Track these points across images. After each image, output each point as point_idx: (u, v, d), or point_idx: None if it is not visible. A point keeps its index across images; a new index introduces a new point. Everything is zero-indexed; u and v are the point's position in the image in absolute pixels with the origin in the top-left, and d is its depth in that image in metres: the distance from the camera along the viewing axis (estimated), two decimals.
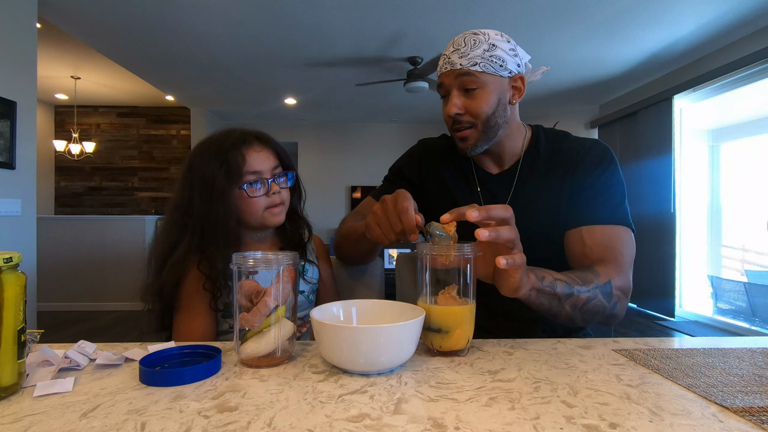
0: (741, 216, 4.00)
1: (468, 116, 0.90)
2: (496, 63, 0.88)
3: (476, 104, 0.89)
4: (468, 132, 0.91)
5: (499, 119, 0.92)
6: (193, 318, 0.85)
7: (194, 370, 0.53)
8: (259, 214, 0.90)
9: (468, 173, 1.02)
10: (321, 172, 6.58)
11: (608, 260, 0.83)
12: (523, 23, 3.24)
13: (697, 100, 4.08)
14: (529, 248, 0.94)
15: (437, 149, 1.08)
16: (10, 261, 0.48)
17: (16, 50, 2.45)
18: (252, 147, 0.90)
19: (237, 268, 0.60)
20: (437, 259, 0.63)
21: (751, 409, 0.45)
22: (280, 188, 0.91)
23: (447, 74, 0.91)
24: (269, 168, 0.90)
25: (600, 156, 0.93)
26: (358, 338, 0.54)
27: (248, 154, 0.88)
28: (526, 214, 0.94)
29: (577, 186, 0.92)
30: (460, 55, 0.89)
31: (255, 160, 0.89)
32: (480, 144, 0.93)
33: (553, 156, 0.97)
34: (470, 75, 0.88)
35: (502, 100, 0.91)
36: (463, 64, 0.88)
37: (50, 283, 4.26)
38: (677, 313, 4.13)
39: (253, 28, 3.34)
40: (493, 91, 0.89)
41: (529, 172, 0.97)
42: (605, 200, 0.89)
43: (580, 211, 0.90)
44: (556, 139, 1.00)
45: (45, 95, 5.58)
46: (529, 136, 1.01)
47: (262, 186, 0.89)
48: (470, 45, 0.88)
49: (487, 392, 0.50)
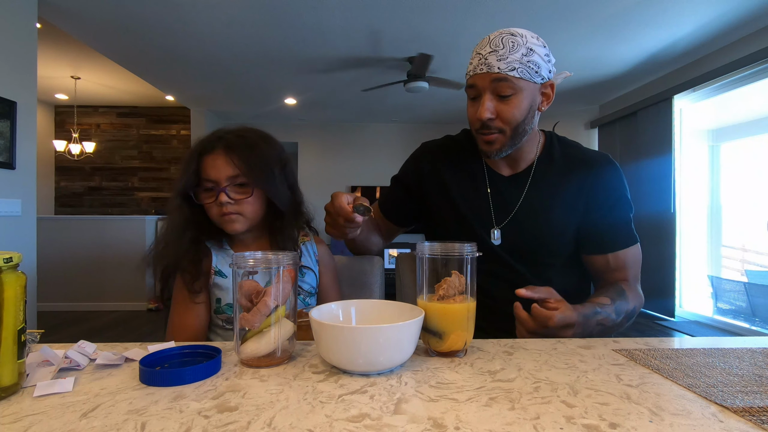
0: (741, 216, 4.00)
1: (499, 122, 0.88)
2: (532, 69, 0.85)
3: (509, 110, 0.87)
4: (495, 137, 0.90)
5: (528, 126, 0.90)
6: (186, 313, 0.88)
7: (194, 370, 0.53)
8: (215, 219, 0.91)
9: (478, 173, 1.02)
10: (321, 172, 6.58)
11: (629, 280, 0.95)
12: (523, 23, 3.23)
13: (697, 100, 4.08)
14: (535, 252, 0.97)
15: (439, 150, 1.09)
16: (10, 261, 0.48)
17: (16, 50, 2.45)
18: (212, 154, 0.89)
19: (237, 268, 0.60)
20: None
21: (751, 409, 0.45)
22: (230, 199, 0.88)
23: (482, 76, 0.86)
24: (224, 177, 0.88)
25: (616, 175, 0.97)
26: (358, 338, 0.54)
27: (205, 161, 0.89)
28: (537, 217, 0.95)
29: (595, 205, 0.95)
30: (498, 57, 0.84)
31: (211, 168, 0.89)
32: (505, 149, 0.92)
33: (567, 164, 0.98)
34: (507, 80, 0.84)
35: (533, 107, 0.89)
36: (501, 68, 0.84)
37: (50, 283, 4.26)
38: (677, 313, 4.13)
39: (254, 28, 3.34)
40: (527, 98, 0.87)
41: (542, 177, 0.97)
42: (624, 224, 0.96)
43: (605, 238, 0.96)
44: (569, 147, 1.01)
45: (45, 95, 5.58)
46: (542, 142, 1.01)
47: (212, 194, 0.90)
48: (509, 47, 0.84)
49: (487, 392, 0.50)
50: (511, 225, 0.97)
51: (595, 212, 0.95)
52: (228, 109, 5.89)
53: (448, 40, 3.55)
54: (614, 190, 0.96)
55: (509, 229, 0.97)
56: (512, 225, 0.96)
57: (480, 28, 3.32)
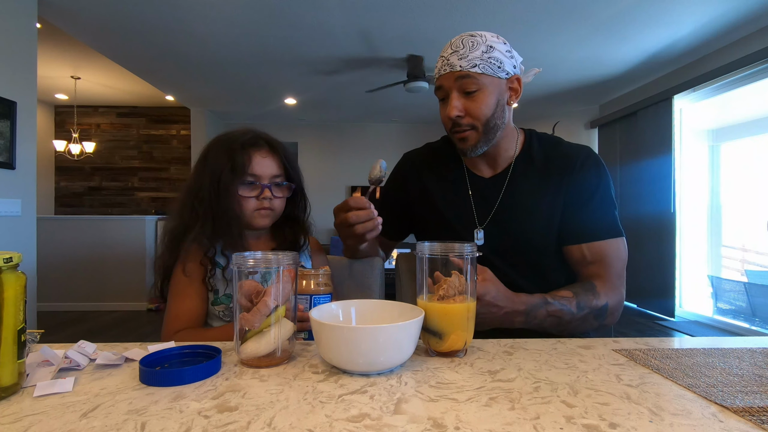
0: (741, 216, 4.00)
1: (468, 118, 0.91)
2: (495, 64, 0.89)
3: (476, 106, 0.90)
4: (468, 133, 0.92)
5: (498, 120, 0.93)
6: (184, 301, 0.89)
7: (194, 370, 0.53)
8: (248, 213, 0.94)
9: (459, 178, 1.03)
10: (321, 172, 6.58)
11: (606, 276, 0.92)
12: (523, 23, 3.24)
13: (697, 100, 4.08)
14: (520, 252, 0.97)
15: (420, 158, 1.11)
16: (10, 261, 0.48)
17: (16, 50, 2.45)
18: (259, 151, 0.94)
19: (237, 268, 0.60)
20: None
21: (751, 409, 0.45)
22: (273, 196, 0.94)
23: (446, 76, 0.91)
24: (269, 175, 0.94)
25: (595, 168, 0.96)
26: (358, 338, 0.54)
27: (254, 156, 0.93)
28: (519, 217, 0.96)
29: (573, 198, 0.95)
30: (459, 57, 0.89)
31: (258, 164, 0.93)
32: (480, 145, 0.94)
33: (547, 162, 0.98)
34: (470, 77, 0.88)
35: (501, 102, 0.92)
36: (462, 65, 0.88)
37: (50, 283, 4.26)
38: (677, 313, 4.13)
39: (254, 28, 3.34)
40: (493, 93, 0.90)
41: (522, 176, 0.98)
42: (602, 215, 0.95)
43: (580, 228, 0.94)
44: (549, 144, 1.01)
45: (45, 95, 5.58)
46: (521, 140, 1.02)
47: (256, 189, 0.93)
48: (468, 47, 0.88)
49: (487, 392, 0.50)
50: (493, 225, 0.97)
51: (572, 204, 0.95)
52: (228, 109, 5.89)
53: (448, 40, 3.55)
54: (592, 182, 0.95)
55: (491, 229, 0.97)
56: (494, 225, 0.97)
57: (480, 28, 3.31)
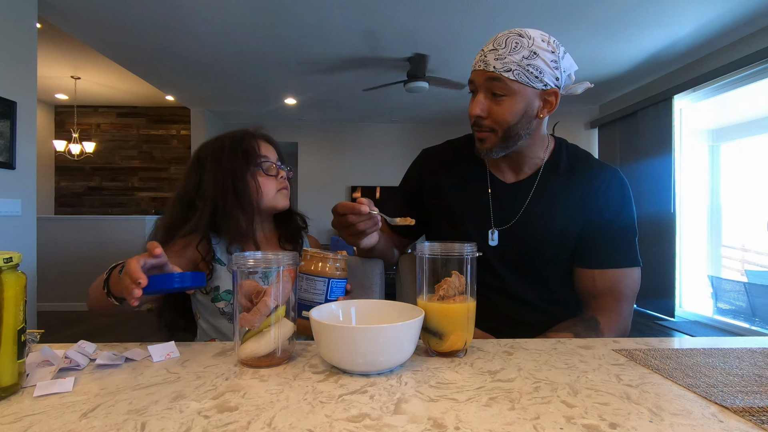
0: (741, 216, 4.00)
1: (490, 121, 0.87)
2: (532, 73, 0.83)
3: (500, 111, 0.86)
4: (486, 135, 0.89)
5: (521, 130, 0.88)
6: (173, 256, 0.90)
7: (182, 276, 0.61)
8: (272, 195, 0.98)
9: (479, 178, 1.00)
10: (321, 172, 6.57)
11: (614, 309, 0.89)
12: (523, 23, 3.23)
13: (697, 100, 4.08)
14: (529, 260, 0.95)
15: (438, 157, 1.08)
16: (10, 261, 0.48)
17: (16, 50, 2.45)
18: (261, 141, 1.02)
19: (237, 268, 0.60)
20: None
21: (751, 409, 0.45)
22: (286, 175, 1.02)
23: (479, 73, 0.86)
24: (275, 159, 1.02)
25: (620, 190, 0.94)
26: (358, 338, 0.54)
27: (261, 143, 1.00)
28: (538, 226, 0.93)
29: (594, 217, 0.92)
30: (496, 56, 0.83)
31: (265, 149, 1.00)
32: (496, 150, 0.90)
33: (573, 175, 0.95)
34: (500, 81, 0.83)
35: (529, 112, 0.87)
36: (496, 67, 0.83)
37: (50, 283, 4.25)
38: (677, 313, 4.13)
39: (254, 28, 3.34)
40: (521, 102, 0.85)
41: (545, 186, 0.95)
42: (618, 243, 0.92)
43: (595, 252, 0.92)
44: (577, 158, 0.98)
45: (45, 95, 5.58)
46: (551, 148, 0.98)
47: (272, 170, 1.00)
48: (510, 47, 0.82)
49: (487, 392, 0.50)
50: (507, 230, 0.95)
51: (592, 223, 0.92)
52: (228, 109, 5.88)
53: (448, 40, 3.56)
54: (615, 204, 0.92)
55: (507, 234, 0.95)
56: (508, 230, 0.95)
57: (480, 28, 3.32)
